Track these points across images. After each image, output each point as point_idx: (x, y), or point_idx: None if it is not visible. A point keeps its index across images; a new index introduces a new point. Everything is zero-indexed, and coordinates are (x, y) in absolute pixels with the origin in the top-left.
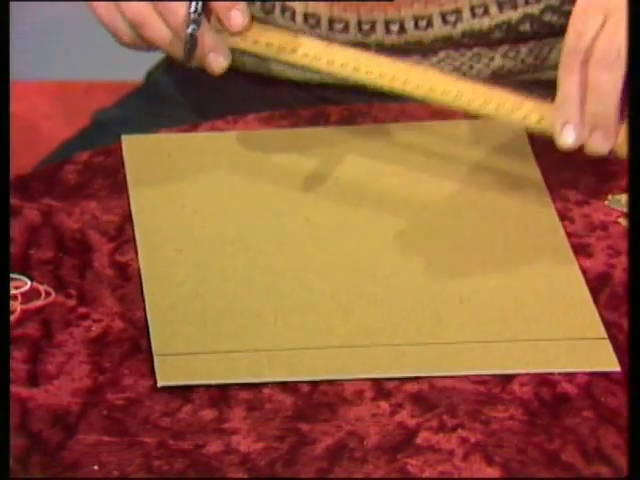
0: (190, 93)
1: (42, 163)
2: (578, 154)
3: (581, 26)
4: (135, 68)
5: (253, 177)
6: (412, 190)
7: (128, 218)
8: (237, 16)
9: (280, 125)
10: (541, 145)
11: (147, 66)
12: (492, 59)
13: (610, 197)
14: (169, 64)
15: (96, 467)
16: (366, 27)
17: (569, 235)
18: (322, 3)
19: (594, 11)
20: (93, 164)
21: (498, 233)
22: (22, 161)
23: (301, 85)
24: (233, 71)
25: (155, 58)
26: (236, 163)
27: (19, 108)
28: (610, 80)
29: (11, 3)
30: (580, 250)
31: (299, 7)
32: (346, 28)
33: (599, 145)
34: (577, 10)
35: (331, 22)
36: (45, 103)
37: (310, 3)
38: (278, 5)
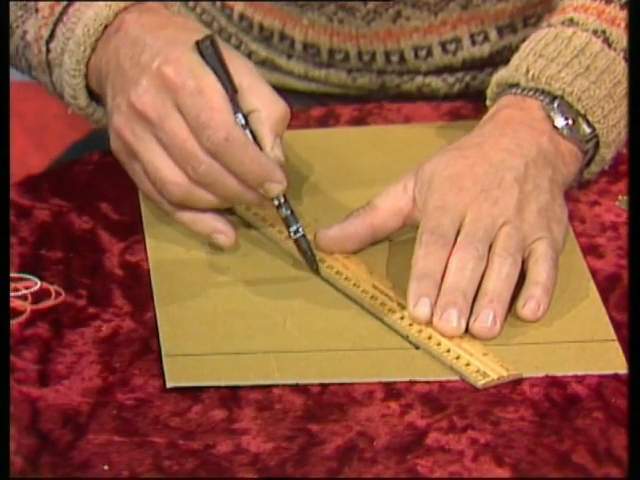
0: None
1: (53, 163)
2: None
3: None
4: None
5: None
6: None
7: (138, 218)
8: (219, 239)
9: (291, 125)
10: None
11: None
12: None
13: (620, 197)
14: None
15: (106, 467)
16: (367, 57)
17: (580, 235)
18: (322, 33)
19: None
20: (104, 164)
21: None
22: (33, 161)
23: (307, 94)
24: None
25: None
26: None
27: (30, 108)
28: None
29: None
30: (591, 251)
31: (298, 36)
32: (346, 58)
33: (451, 321)
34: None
35: (331, 52)
36: (56, 103)
37: (309, 32)
38: (277, 33)
